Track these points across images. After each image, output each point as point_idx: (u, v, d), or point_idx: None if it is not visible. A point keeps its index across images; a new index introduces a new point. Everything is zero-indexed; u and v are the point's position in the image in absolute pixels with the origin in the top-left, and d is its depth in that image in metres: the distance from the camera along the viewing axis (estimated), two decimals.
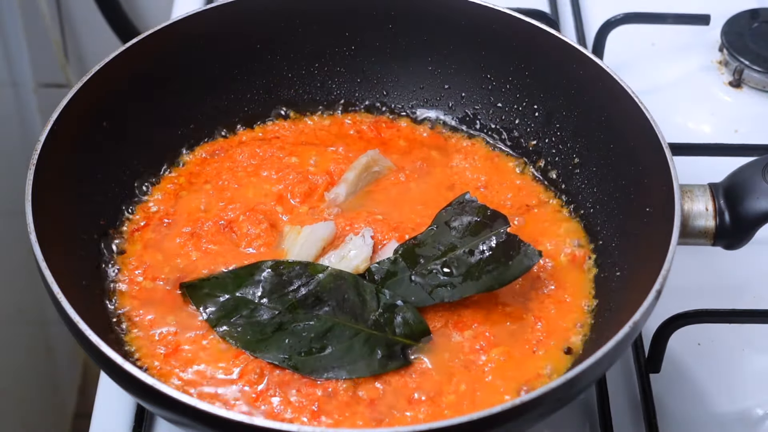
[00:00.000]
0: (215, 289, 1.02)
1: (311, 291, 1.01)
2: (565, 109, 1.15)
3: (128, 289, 1.04)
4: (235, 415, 0.83)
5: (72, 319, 0.88)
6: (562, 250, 1.09)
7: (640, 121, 1.04)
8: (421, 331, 1.00)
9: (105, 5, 1.85)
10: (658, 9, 1.45)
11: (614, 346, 0.88)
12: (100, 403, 1.07)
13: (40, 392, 2.18)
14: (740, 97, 1.43)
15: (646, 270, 0.94)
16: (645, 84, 1.37)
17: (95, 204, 1.08)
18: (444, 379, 0.97)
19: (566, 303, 1.04)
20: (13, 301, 2.03)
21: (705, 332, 1.13)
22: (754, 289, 1.20)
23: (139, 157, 1.13)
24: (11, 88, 1.97)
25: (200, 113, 1.18)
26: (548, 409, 0.88)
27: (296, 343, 0.98)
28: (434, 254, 1.03)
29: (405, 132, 1.22)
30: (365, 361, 0.97)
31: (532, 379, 0.98)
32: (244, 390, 0.96)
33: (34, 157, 0.99)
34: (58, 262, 0.94)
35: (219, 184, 1.14)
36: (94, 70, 1.08)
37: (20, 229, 0.95)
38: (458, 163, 1.18)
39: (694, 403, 1.10)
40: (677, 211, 0.96)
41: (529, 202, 1.14)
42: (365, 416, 0.94)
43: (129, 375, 0.86)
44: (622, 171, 1.08)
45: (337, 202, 1.11)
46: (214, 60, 1.18)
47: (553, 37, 1.14)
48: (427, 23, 1.20)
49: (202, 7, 1.17)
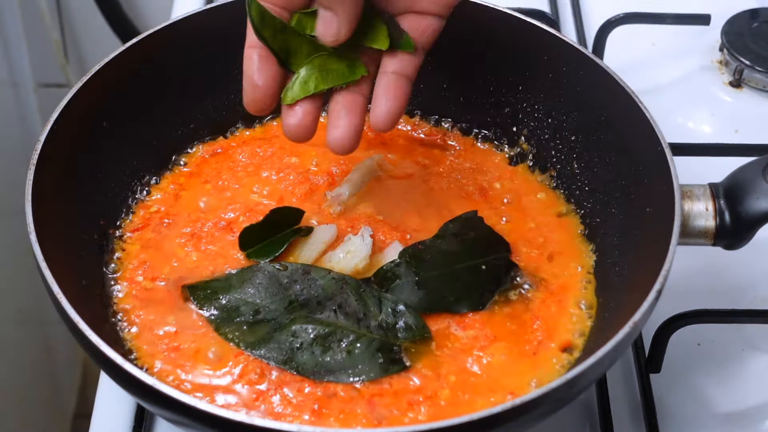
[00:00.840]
0: (217, 290, 1.03)
1: (312, 294, 1.01)
2: (565, 109, 1.15)
3: (128, 289, 1.04)
4: (235, 415, 0.83)
5: (72, 319, 0.88)
6: (561, 250, 1.09)
7: (640, 121, 1.04)
8: (423, 335, 1.00)
9: (105, 5, 1.85)
10: (658, 9, 1.45)
11: (614, 346, 0.88)
12: (100, 403, 1.07)
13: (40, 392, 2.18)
14: (740, 97, 1.43)
15: (646, 270, 0.94)
16: (645, 84, 1.37)
17: (95, 204, 1.08)
18: (444, 380, 0.97)
19: (566, 303, 1.04)
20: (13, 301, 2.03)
21: (705, 332, 1.13)
22: (754, 289, 1.20)
23: (139, 157, 1.13)
24: (11, 88, 1.97)
25: (200, 113, 1.19)
26: (548, 409, 0.88)
27: (297, 345, 0.98)
28: (440, 263, 1.03)
29: (405, 132, 1.22)
30: (366, 365, 0.97)
31: (533, 379, 0.98)
32: (244, 390, 0.96)
33: (34, 157, 0.99)
34: (58, 262, 0.94)
35: (219, 184, 1.14)
36: (94, 70, 1.08)
37: (20, 229, 0.95)
38: (458, 163, 1.18)
39: (694, 403, 1.10)
40: (677, 211, 0.96)
41: (529, 202, 1.14)
42: (365, 416, 0.94)
43: (129, 375, 0.86)
44: (622, 171, 1.08)
45: (339, 201, 1.11)
46: (214, 60, 1.18)
47: (553, 37, 1.14)
48: None
49: (202, 7, 1.17)
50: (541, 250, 1.09)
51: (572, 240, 1.10)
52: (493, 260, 1.05)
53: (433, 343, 1.00)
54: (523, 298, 1.04)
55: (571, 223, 1.12)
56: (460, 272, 1.04)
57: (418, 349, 0.99)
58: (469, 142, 1.21)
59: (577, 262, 1.08)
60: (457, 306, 1.02)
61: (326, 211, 1.11)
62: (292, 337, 0.98)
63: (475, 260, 1.04)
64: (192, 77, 1.17)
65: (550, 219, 1.12)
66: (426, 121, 1.23)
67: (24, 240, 0.94)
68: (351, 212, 1.11)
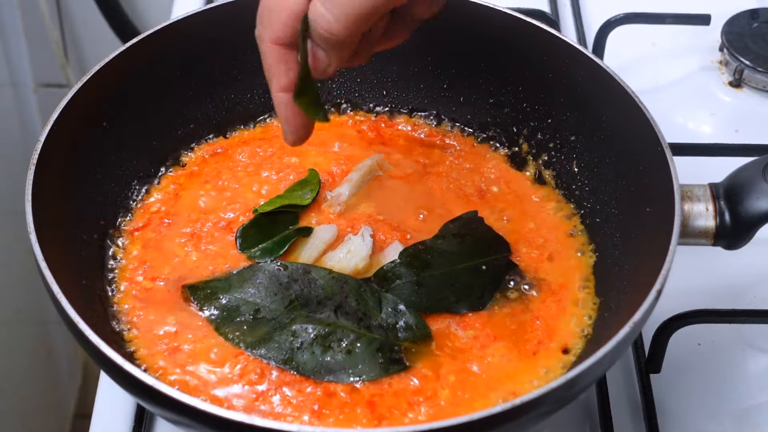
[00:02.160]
0: (217, 290, 1.03)
1: (313, 294, 1.01)
2: (565, 109, 1.15)
3: (128, 289, 1.04)
4: (235, 415, 0.83)
5: (72, 319, 0.88)
6: (561, 250, 1.09)
7: (640, 121, 1.04)
8: (424, 335, 1.00)
9: (105, 5, 1.85)
10: (658, 9, 1.45)
11: (614, 346, 0.88)
12: (100, 403, 1.07)
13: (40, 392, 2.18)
14: (740, 97, 1.43)
15: (646, 270, 0.94)
16: (645, 84, 1.37)
17: (95, 204, 1.08)
18: (444, 380, 0.97)
19: (566, 303, 1.04)
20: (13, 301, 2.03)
21: (705, 332, 1.13)
22: (754, 289, 1.20)
23: (139, 157, 1.13)
24: (11, 88, 1.97)
25: (200, 113, 1.19)
26: (548, 410, 0.88)
27: (297, 344, 0.98)
28: (440, 263, 1.04)
29: (405, 132, 1.22)
30: (367, 365, 0.97)
31: (533, 379, 0.98)
32: (244, 390, 0.96)
33: (34, 157, 0.99)
34: (58, 262, 0.94)
35: (219, 184, 1.14)
36: (94, 70, 1.08)
37: (20, 229, 0.95)
38: (458, 163, 1.18)
39: (694, 403, 1.10)
40: (677, 211, 0.96)
41: (529, 202, 1.14)
42: (365, 416, 0.94)
43: (129, 375, 0.86)
44: (622, 171, 1.08)
45: (339, 201, 1.11)
46: (214, 60, 1.18)
47: (553, 37, 1.14)
48: (427, 23, 1.20)
49: (202, 7, 1.17)
50: (541, 250, 1.09)
51: (572, 240, 1.10)
52: (493, 260, 1.05)
53: (433, 343, 1.00)
54: (523, 298, 1.05)
55: (571, 223, 1.12)
56: (460, 272, 1.04)
57: (418, 349, 0.99)
58: (469, 142, 1.21)
59: (577, 262, 1.08)
60: (457, 306, 1.02)
61: (326, 211, 1.11)
62: (293, 337, 0.98)
63: (475, 260, 1.04)
64: (192, 77, 1.17)
65: (550, 219, 1.12)
66: (426, 121, 1.23)
67: (24, 240, 0.94)
68: (351, 212, 1.11)
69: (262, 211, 1.08)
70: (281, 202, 1.09)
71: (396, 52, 1.21)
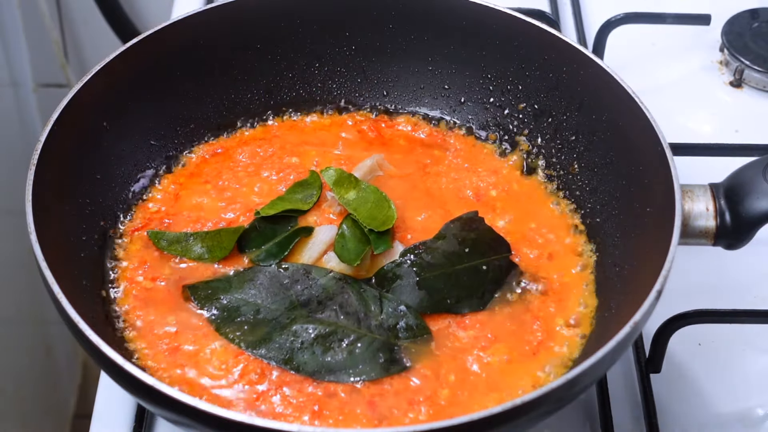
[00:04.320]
0: (218, 290, 1.03)
1: (313, 294, 1.01)
2: (565, 109, 1.15)
3: (128, 289, 1.04)
4: (235, 415, 0.83)
5: (72, 319, 0.88)
6: (561, 250, 1.09)
7: (640, 121, 1.04)
8: (424, 335, 1.00)
9: (105, 5, 1.85)
10: (658, 9, 1.45)
11: (614, 346, 0.88)
12: (100, 403, 1.07)
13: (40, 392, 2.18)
14: (740, 97, 1.43)
15: (647, 270, 0.94)
16: (645, 84, 1.37)
17: (95, 204, 1.08)
18: (444, 380, 0.97)
19: (566, 303, 1.04)
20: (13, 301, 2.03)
21: (705, 332, 1.13)
22: (754, 289, 1.20)
23: (139, 157, 1.13)
24: (11, 88, 1.97)
25: (200, 113, 1.19)
26: (548, 410, 0.88)
27: (298, 345, 0.98)
28: (441, 264, 1.03)
29: (405, 132, 1.22)
30: (367, 365, 0.97)
31: (533, 379, 0.98)
32: (244, 390, 0.96)
33: (34, 157, 0.99)
34: (58, 262, 0.94)
35: (219, 184, 1.14)
36: (94, 70, 1.08)
37: (20, 229, 0.95)
38: (458, 163, 1.18)
39: (694, 403, 1.10)
40: (678, 211, 0.96)
41: (529, 202, 1.14)
42: (365, 416, 0.94)
43: (129, 375, 0.86)
44: (623, 171, 1.08)
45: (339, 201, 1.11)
46: (214, 60, 1.18)
47: (553, 37, 1.14)
48: (428, 23, 1.20)
49: (202, 7, 1.17)
50: (541, 250, 1.09)
51: (572, 240, 1.10)
52: (493, 260, 1.05)
53: (433, 343, 1.00)
54: (523, 298, 1.04)
55: (571, 223, 1.12)
56: (460, 272, 1.04)
57: (419, 349, 0.99)
58: (469, 143, 1.21)
59: (577, 262, 1.08)
60: (457, 306, 1.02)
61: (327, 212, 1.11)
62: (293, 337, 0.98)
63: (475, 260, 1.04)
64: (192, 77, 1.17)
65: (551, 219, 1.12)
66: (426, 121, 1.23)
67: (24, 240, 0.94)
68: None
69: (264, 214, 1.08)
70: (283, 205, 1.09)
71: (396, 52, 1.22)
